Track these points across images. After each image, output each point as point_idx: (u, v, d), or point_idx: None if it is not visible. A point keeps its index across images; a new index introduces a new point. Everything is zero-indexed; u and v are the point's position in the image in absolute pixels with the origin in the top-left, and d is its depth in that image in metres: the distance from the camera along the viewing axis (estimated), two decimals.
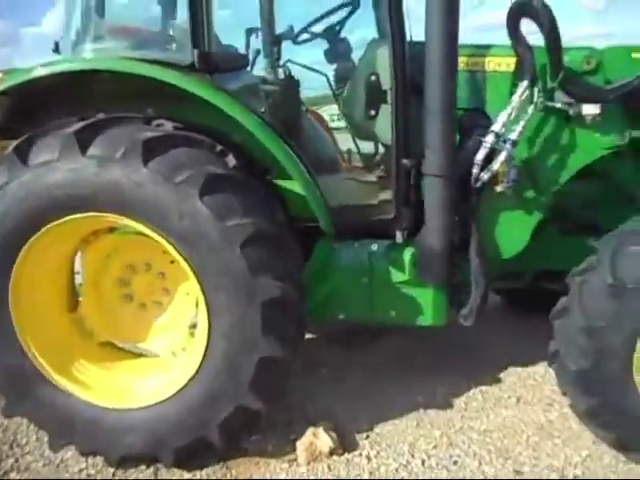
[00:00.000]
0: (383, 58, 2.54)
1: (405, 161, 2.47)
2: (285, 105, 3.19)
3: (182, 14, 3.16)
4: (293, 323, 2.31)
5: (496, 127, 2.32)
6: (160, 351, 2.65)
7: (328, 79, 3.54)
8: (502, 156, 2.31)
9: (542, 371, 3.17)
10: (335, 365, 3.30)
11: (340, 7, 3.23)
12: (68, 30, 2.76)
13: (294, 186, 2.47)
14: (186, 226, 2.13)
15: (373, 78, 2.50)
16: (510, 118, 2.30)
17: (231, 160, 2.32)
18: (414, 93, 2.40)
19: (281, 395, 2.53)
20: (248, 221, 2.14)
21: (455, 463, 2.50)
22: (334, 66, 3.36)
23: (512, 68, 2.46)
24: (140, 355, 2.73)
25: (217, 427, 2.32)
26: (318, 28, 3.28)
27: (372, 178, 3.17)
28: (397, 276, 2.66)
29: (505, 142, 2.31)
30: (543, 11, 2.14)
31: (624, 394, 2.25)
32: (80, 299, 2.71)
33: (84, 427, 2.44)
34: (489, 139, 2.32)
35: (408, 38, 2.42)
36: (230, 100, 2.29)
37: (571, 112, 2.36)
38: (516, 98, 2.29)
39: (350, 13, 3.23)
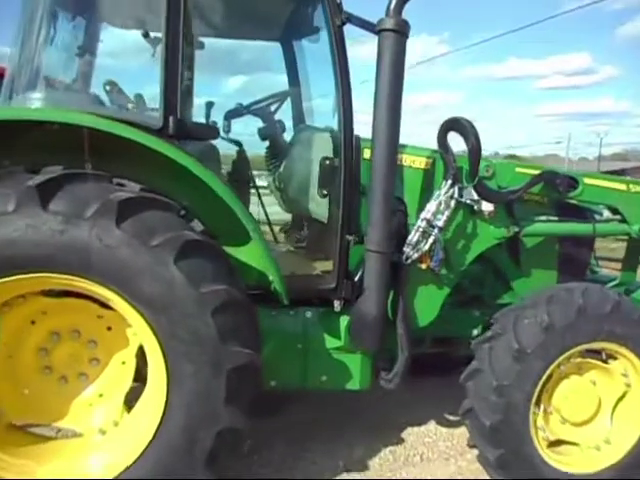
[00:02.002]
0: (324, 145, 2.85)
1: (349, 237, 2.74)
2: (238, 172, 3.31)
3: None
4: (254, 390, 2.30)
5: (427, 215, 2.75)
6: (84, 430, 2.36)
7: (241, 146, 3.72)
8: (431, 239, 2.73)
9: (434, 429, 3.57)
10: (253, 436, 3.24)
11: (277, 95, 3.57)
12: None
13: (251, 253, 2.52)
14: (158, 291, 2.04)
15: (327, 162, 2.76)
16: (439, 209, 2.75)
17: (198, 225, 2.31)
18: None
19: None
20: (220, 287, 2.14)
21: None
22: (266, 143, 3.58)
23: (423, 165, 2.96)
24: (51, 439, 2.39)
25: None
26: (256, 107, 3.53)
27: (301, 248, 3.37)
28: (331, 342, 2.85)
29: (433, 227, 2.74)
30: (469, 128, 2.67)
31: (523, 444, 2.70)
32: None
33: None
34: (422, 224, 2.73)
35: None
36: (202, 167, 2.31)
37: (475, 207, 2.92)
38: (442, 193, 2.77)
39: (283, 100, 3.56)
